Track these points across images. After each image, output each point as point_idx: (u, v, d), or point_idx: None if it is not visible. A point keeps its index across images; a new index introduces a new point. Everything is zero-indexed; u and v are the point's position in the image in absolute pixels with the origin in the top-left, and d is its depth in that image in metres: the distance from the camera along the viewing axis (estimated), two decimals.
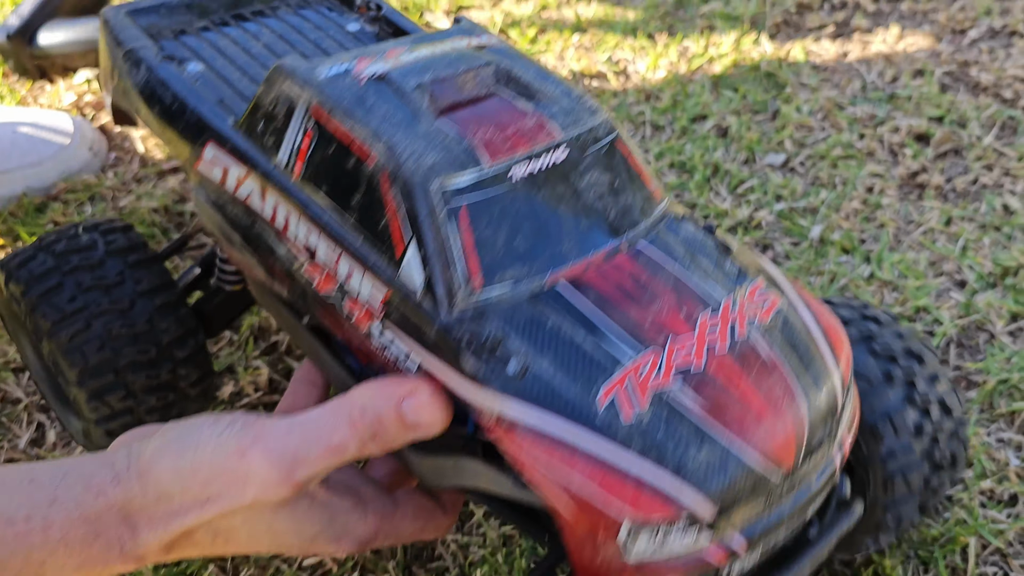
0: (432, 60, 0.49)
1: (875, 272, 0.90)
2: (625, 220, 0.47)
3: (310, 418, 0.43)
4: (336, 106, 0.46)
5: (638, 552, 0.41)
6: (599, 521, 0.40)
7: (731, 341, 0.44)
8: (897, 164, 1.01)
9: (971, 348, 0.85)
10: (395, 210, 0.43)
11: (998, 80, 1.11)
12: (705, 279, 0.46)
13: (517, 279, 0.44)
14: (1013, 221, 0.94)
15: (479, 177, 0.43)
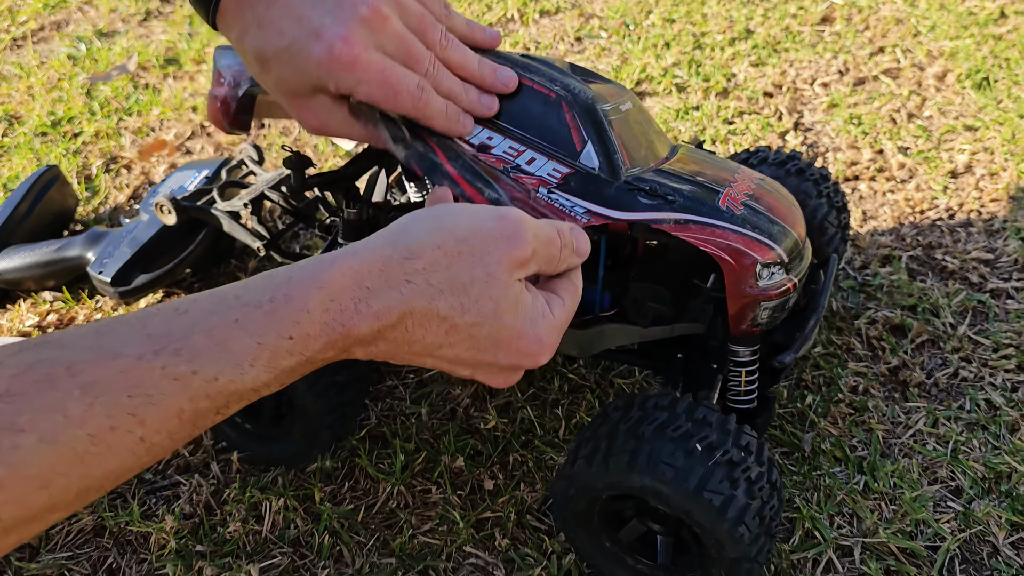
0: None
1: (869, 483, 0.89)
2: (666, 142, 0.79)
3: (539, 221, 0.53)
4: (515, 64, 0.71)
5: (763, 281, 0.71)
6: (746, 263, 0.70)
7: (754, 187, 0.76)
8: (878, 360, 1.02)
9: (976, 564, 0.83)
10: (574, 124, 0.69)
11: (963, 264, 1.13)
12: (725, 164, 0.79)
13: (641, 164, 0.72)
14: (999, 419, 0.94)
15: (612, 106, 0.71)
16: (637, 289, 0.78)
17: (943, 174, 1.28)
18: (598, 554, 0.79)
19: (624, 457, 0.69)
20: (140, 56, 1.70)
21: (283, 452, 0.91)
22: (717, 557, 0.70)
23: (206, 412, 0.41)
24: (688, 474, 0.67)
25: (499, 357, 0.51)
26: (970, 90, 1.45)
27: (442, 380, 1.02)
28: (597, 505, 0.75)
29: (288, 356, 0.43)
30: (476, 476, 0.92)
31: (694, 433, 0.69)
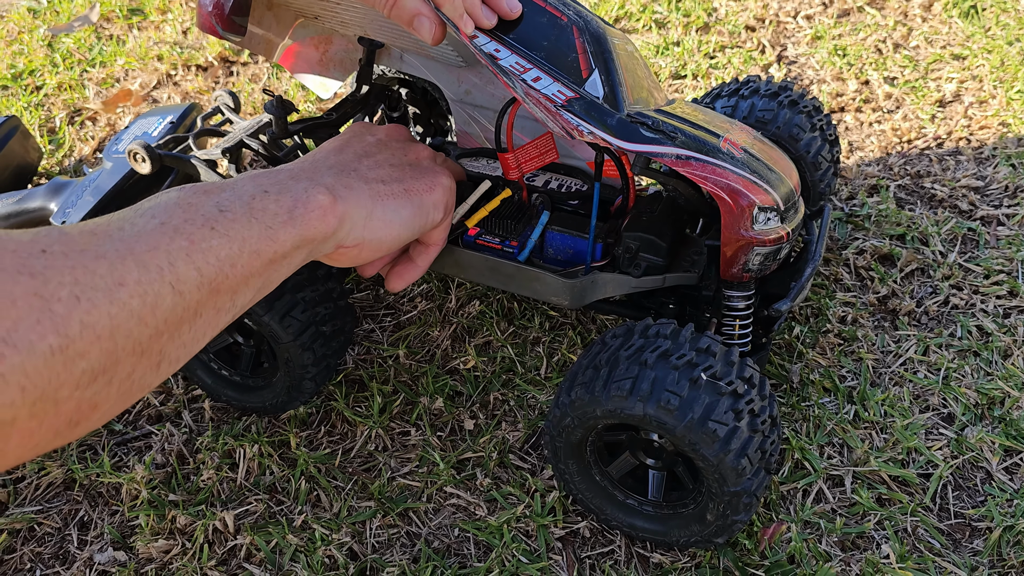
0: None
1: (860, 412, 0.87)
2: (664, 95, 0.76)
3: None
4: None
5: (758, 225, 0.71)
6: (743, 204, 0.69)
7: (752, 138, 0.76)
8: (866, 290, 0.99)
9: (969, 490, 0.81)
10: (583, 50, 0.67)
11: (953, 191, 1.11)
12: (722, 116, 0.78)
13: (642, 104, 0.70)
14: (991, 345, 0.92)
15: (620, 42, 0.70)
16: (630, 239, 0.76)
17: (931, 103, 1.25)
18: (587, 488, 0.77)
19: (626, 384, 0.66)
20: (103, 6, 1.64)
21: (261, 401, 0.88)
22: (718, 491, 0.68)
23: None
24: (693, 403, 0.65)
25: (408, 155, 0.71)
26: (957, 19, 1.41)
27: (420, 322, 0.99)
28: (591, 436, 0.73)
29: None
30: (456, 417, 0.89)
31: (699, 363, 0.67)
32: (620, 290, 0.77)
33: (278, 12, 0.83)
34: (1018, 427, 0.84)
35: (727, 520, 0.70)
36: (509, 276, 0.77)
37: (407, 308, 1.01)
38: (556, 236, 0.78)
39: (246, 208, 0.52)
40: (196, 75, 1.45)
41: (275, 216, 0.53)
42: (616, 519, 0.77)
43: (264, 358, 0.88)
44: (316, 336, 0.82)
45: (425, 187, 0.68)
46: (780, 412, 0.87)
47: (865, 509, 0.79)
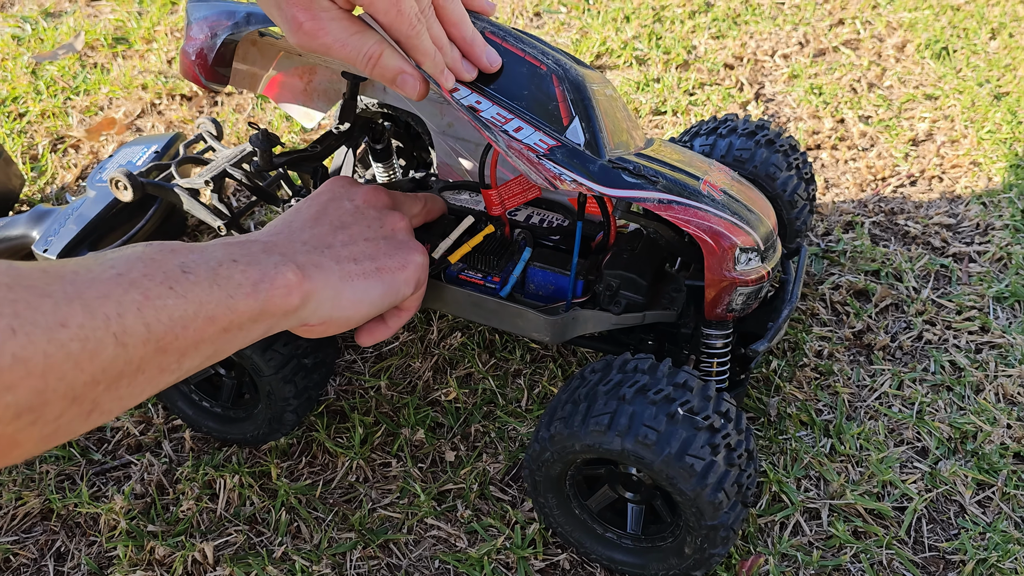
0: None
1: (836, 446, 0.88)
2: (642, 134, 0.77)
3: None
4: (505, 33, 0.69)
5: (740, 266, 0.72)
6: (725, 246, 0.71)
7: (731, 179, 0.78)
8: (842, 324, 1.01)
9: (943, 523, 0.83)
10: (563, 98, 0.68)
11: (926, 228, 1.13)
12: (700, 157, 0.80)
13: (623, 148, 0.71)
14: (963, 379, 0.94)
15: (599, 87, 0.70)
16: (611, 276, 0.77)
17: (904, 142, 1.28)
18: (566, 522, 0.77)
19: (604, 419, 0.67)
20: (88, 35, 1.65)
21: (242, 433, 0.88)
22: (695, 525, 0.69)
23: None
24: (670, 438, 0.66)
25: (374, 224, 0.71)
26: (929, 60, 1.45)
27: (402, 354, 0.99)
28: (571, 470, 0.74)
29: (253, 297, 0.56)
30: (437, 448, 0.89)
31: (676, 397, 0.68)
32: (600, 327, 0.78)
33: (262, 47, 0.84)
34: (990, 460, 0.86)
35: (705, 553, 0.70)
36: (491, 312, 0.77)
37: (389, 340, 1.01)
38: (538, 272, 0.79)
39: (211, 273, 0.52)
40: (180, 104, 1.45)
41: (239, 286, 0.53)
42: (595, 552, 0.78)
43: (246, 390, 0.88)
44: (298, 369, 0.82)
45: (398, 265, 0.68)
46: (757, 445, 0.88)
47: (841, 542, 0.80)
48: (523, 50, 0.68)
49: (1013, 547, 0.79)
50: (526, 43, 0.69)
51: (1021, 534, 0.80)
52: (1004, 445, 0.87)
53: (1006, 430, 0.89)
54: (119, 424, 0.92)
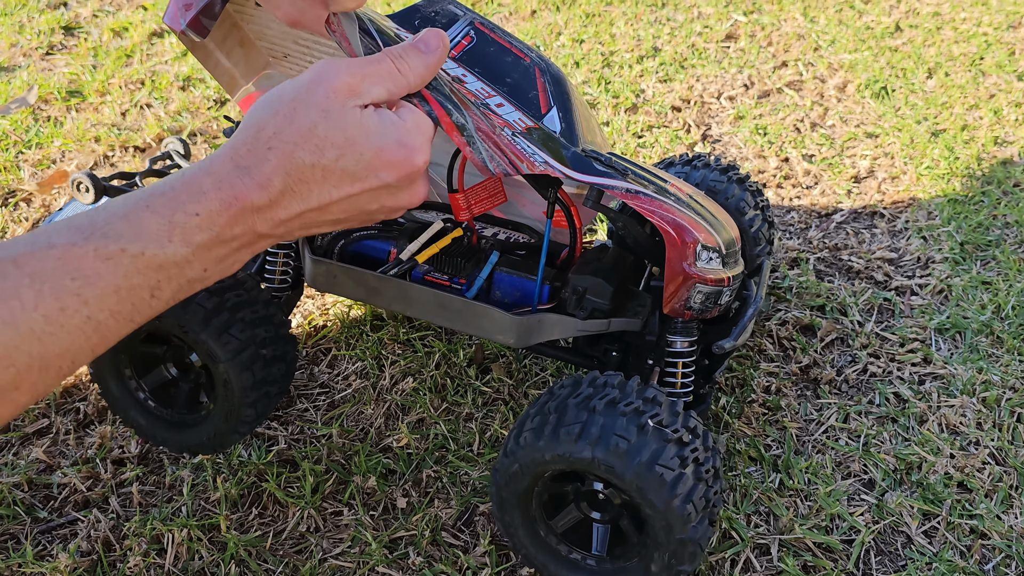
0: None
1: (785, 480, 0.89)
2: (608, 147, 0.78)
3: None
4: (493, 27, 0.73)
5: (701, 263, 0.74)
6: (688, 240, 0.73)
7: (694, 190, 0.81)
8: (789, 360, 1.03)
9: (891, 554, 0.84)
10: (543, 88, 0.71)
11: (869, 263, 1.16)
12: (662, 171, 0.81)
13: (595, 145, 0.74)
14: (907, 411, 0.96)
15: (574, 90, 0.74)
16: (577, 281, 0.79)
17: (846, 179, 1.31)
18: (531, 542, 0.77)
19: (575, 429, 0.68)
20: (41, 88, 1.65)
21: (199, 437, 0.87)
22: (664, 540, 0.69)
23: (140, 289, 0.48)
24: (641, 448, 0.66)
25: (382, 176, 0.54)
26: (870, 99, 1.49)
27: (354, 400, 0.99)
28: (538, 485, 0.74)
29: (199, 231, 0.49)
30: (389, 495, 0.89)
31: (645, 410, 0.69)
32: (566, 332, 0.79)
33: (249, 52, 0.85)
34: (935, 491, 0.87)
35: (672, 571, 0.70)
36: (456, 312, 0.78)
37: (341, 387, 1.01)
38: (504, 277, 0.81)
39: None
40: (134, 156, 1.45)
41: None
42: (560, 575, 0.77)
43: (203, 392, 0.88)
44: (255, 358, 0.82)
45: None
46: None
47: None
48: (509, 42, 0.72)
49: None
50: (513, 39, 0.73)
51: (966, 563, 0.81)
52: (948, 475, 0.89)
53: (949, 460, 0.90)
54: (66, 480, 0.91)
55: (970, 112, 1.45)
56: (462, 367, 1.02)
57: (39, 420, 0.98)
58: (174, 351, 0.88)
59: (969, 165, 1.32)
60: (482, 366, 1.03)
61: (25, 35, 1.85)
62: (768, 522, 0.86)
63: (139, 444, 0.95)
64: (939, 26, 1.69)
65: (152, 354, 0.89)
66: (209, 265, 0.51)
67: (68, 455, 0.94)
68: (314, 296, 1.13)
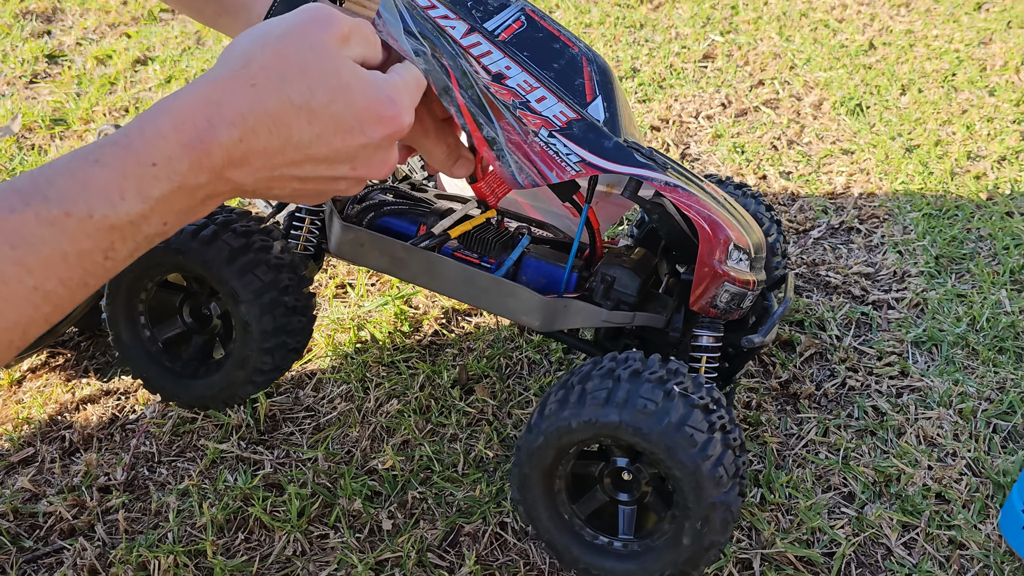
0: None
1: (766, 495, 0.90)
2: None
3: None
4: (544, 15, 0.77)
5: (731, 262, 0.76)
6: (721, 237, 0.75)
7: (727, 194, 0.87)
8: (769, 375, 1.04)
9: (871, 566, 0.85)
10: (589, 77, 0.74)
11: (845, 278, 1.17)
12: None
13: (636, 139, 0.76)
14: (886, 424, 0.97)
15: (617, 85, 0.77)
16: (607, 271, 0.80)
17: (823, 195, 1.33)
18: (554, 527, 0.78)
19: (602, 394, 0.69)
20: (26, 117, 1.65)
21: (211, 388, 0.85)
22: (694, 506, 0.69)
23: (91, 253, 0.43)
24: (669, 410, 0.68)
25: (366, 130, 0.50)
26: (845, 116, 1.51)
27: (339, 423, 1.00)
28: (562, 462, 0.74)
29: (157, 182, 0.44)
30: (374, 517, 0.90)
31: (669, 378, 0.71)
32: (590, 321, 0.80)
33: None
34: (913, 502, 0.89)
35: (704, 541, 0.71)
36: (483, 290, 0.79)
37: (326, 410, 1.02)
38: (532, 263, 0.82)
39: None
40: None
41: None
42: (584, 562, 0.77)
43: (216, 346, 0.88)
44: (277, 303, 0.80)
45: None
46: None
47: None
48: (558, 30, 0.75)
49: None
50: (562, 28, 0.76)
51: (945, 573, 0.83)
52: (926, 486, 0.90)
53: (927, 471, 0.91)
54: (52, 509, 0.91)
55: (943, 127, 1.47)
56: (446, 388, 1.03)
57: (24, 449, 0.99)
58: (191, 299, 0.87)
59: (943, 180, 1.35)
60: (466, 387, 1.04)
61: (9, 64, 1.86)
62: (750, 537, 0.87)
63: (125, 471, 0.95)
64: (912, 43, 1.73)
65: (168, 302, 0.87)
66: (170, 218, 0.46)
67: (54, 483, 0.95)
68: None
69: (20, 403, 1.05)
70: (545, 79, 0.72)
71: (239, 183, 0.47)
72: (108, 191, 0.42)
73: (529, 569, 0.85)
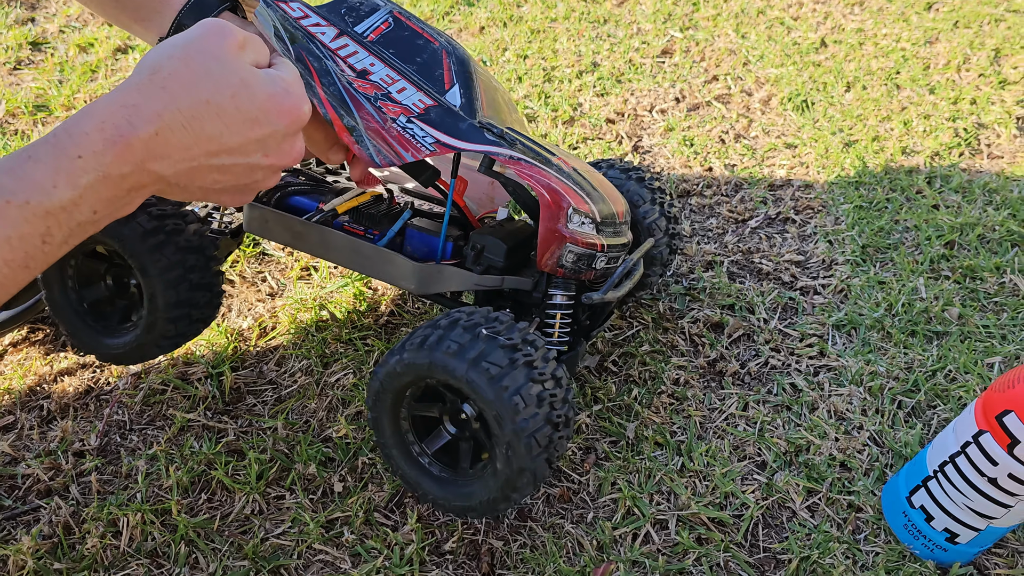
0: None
1: (686, 463, 0.99)
2: (525, 127, 0.91)
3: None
4: (410, 16, 0.85)
5: (572, 225, 0.85)
6: (560, 203, 0.83)
7: (586, 166, 0.92)
8: (698, 355, 1.12)
9: (776, 527, 0.93)
10: (448, 67, 0.83)
11: (777, 265, 1.26)
12: (567, 151, 0.95)
13: (497, 119, 0.84)
14: (801, 399, 1.06)
15: (483, 71, 0.86)
16: (477, 239, 0.90)
17: (764, 187, 1.42)
18: (407, 465, 0.89)
19: (417, 340, 0.80)
20: (9, 103, 1.72)
21: (124, 346, 0.97)
22: (499, 432, 0.79)
23: (30, 237, 0.49)
24: (469, 348, 0.77)
25: (271, 119, 0.57)
26: (791, 112, 1.59)
27: (299, 395, 1.08)
28: (403, 403, 0.86)
29: (84, 173, 0.50)
30: (327, 480, 0.98)
31: (481, 323, 0.80)
32: (463, 285, 0.90)
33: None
34: (819, 471, 0.97)
35: (513, 465, 0.80)
36: (366, 258, 0.90)
37: (288, 383, 1.10)
38: (415, 234, 0.92)
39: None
40: None
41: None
42: (431, 492, 0.89)
43: (133, 311, 1.00)
44: (182, 280, 0.92)
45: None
46: (616, 466, 0.98)
47: (685, 548, 0.90)
48: (422, 28, 0.85)
49: (833, 545, 0.90)
50: (427, 25, 0.85)
51: (840, 533, 0.91)
52: (832, 456, 0.99)
53: (834, 443, 1.00)
54: (29, 471, 0.99)
55: (882, 124, 1.55)
56: None
57: (5, 416, 1.06)
58: (114, 269, 0.99)
59: (877, 174, 1.43)
60: None
61: None
62: (669, 500, 0.96)
63: (98, 437, 1.03)
64: (861, 42, 1.80)
65: (94, 269, 0.99)
66: (99, 207, 0.52)
67: (32, 448, 1.02)
68: (264, 300, 1.22)
69: (1, 375, 1.12)
70: (407, 72, 0.82)
71: (161, 173, 0.53)
72: (42, 181, 0.49)
73: (466, 528, 0.93)
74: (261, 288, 1.24)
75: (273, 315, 1.19)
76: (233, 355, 1.13)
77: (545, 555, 0.90)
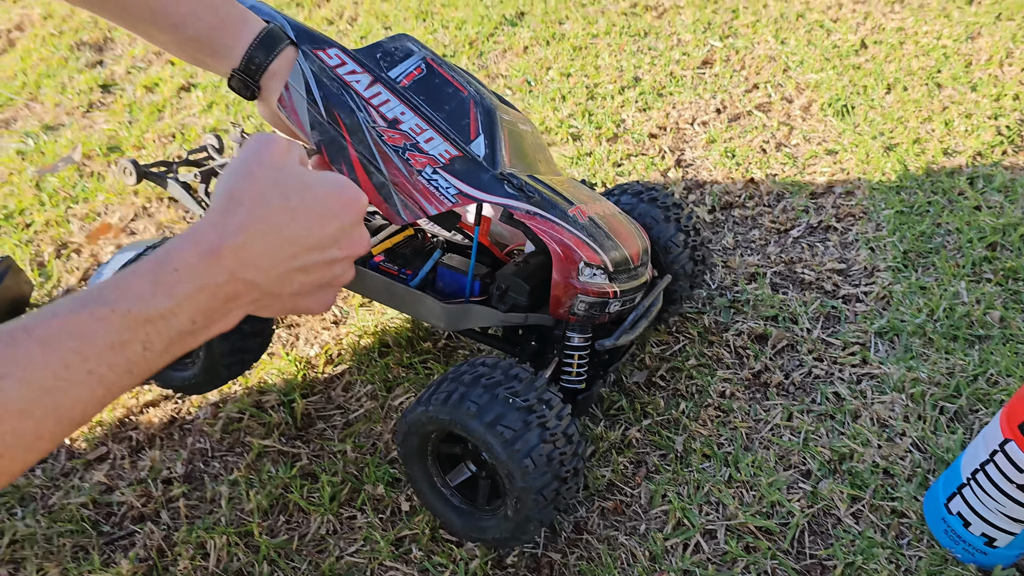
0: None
1: (733, 474, 1.03)
2: (554, 169, 1.00)
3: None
4: (442, 63, 0.90)
5: (583, 278, 0.90)
6: (572, 258, 0.88)
7: (605, 212, 0.95)
8: (743, 367, 1.17)
9: (822, 534, 0.97)
10: (475, 118, 0.87)
11: (819, 274, 1.29)
12: (592, 193, 0.99)
13: (521, 169, 0.90)
14: (844, 408, 1.09)
15: (510, 120, 0.91)
16: (502, 279, 0.96)
17: (805, 196, 1.45)
18: (432, 497, 0.96)
19: (442, 396, 0.86)
20: (84, 146, 1.83)
21: (183, 381, 1.08)
22: (510, 487, 0.85)
23: (131, 343, 0.53)
24: (487, 412, 0.83)
25: (338, 213, 0.63)
26: (832, 118, 1.62)
27: (366, 419, 1.15)
28: (429, 444, 0.92)
29: (180, 284, 0.55)
30: (395, 500, 1.05)
31: (501, 382, 0.86)
32: (489, 322, 0.96)
33: None
34: (862, 478, 1.01)
35: (520, 515, 0.86)
36: (400, 297, 0.96)
37: (354, 407, 1.18)
38: (445, 272, 0.98)
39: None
40: (168, 207, 1.63)
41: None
42: (456, 524, 0.96)
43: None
44: (234, 331, 1.01)
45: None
46: (666, 479, 1.03)
47: (734, 556, 0.95)
48: (453, 76, 0.90)
49: (877, 550, 0.94)
50: (457, 72, 0.90)
51: (884, 539, 0.95)
52: (875, 463, 1.02)
53: (877, 450, 1.04)
54: (123, 499, 1.08)
55: (923, 125, 1.57)
56: None
57: (98, 448, 1.16)
58: None
59: (918, 177, 1.45)
60: None
61: (67, 95, 2.04)
62: (717, 510, 1.00)
63: (184, 465, 1.12)
64: (902, 41, 1.81)
65: None
66: (197, 317, 0.56)
67: (124, 477, 1.12)
68: (329, 327, 1.29)
69: None
70: (435, 121, 0.87)
71: (253, 281, 0.59)
72: (141, 292, 0.54)
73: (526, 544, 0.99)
74: (326, 317, 1.31)
75: (338, 342, 1.27)
76: (303, 383, 1.21)
77: (601, 566, 0.95)
